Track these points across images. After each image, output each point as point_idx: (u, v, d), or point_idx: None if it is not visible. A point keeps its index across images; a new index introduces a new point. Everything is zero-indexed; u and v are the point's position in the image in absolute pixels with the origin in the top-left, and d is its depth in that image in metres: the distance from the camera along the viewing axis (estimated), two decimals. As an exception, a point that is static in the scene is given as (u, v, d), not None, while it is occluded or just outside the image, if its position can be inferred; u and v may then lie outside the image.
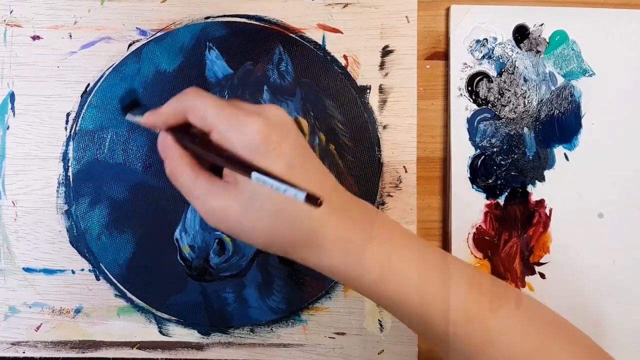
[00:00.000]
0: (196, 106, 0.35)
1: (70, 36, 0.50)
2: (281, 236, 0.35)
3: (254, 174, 0.31)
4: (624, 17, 0.50)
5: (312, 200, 0.29)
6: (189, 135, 0.36)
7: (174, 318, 0.49)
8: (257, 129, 0.33)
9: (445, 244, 0.50)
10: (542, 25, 0.50)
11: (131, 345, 0.49)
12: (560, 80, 0.50)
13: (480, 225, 0.50)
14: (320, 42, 0.50)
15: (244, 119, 0.33)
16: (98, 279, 0.49)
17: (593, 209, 0.50)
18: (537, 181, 0.50)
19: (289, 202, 0.33)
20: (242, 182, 0.34)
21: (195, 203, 0.35)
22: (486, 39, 0.50)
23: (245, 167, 0.32)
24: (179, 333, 0.49)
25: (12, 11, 0.50)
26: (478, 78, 0.50)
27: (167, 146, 0.36)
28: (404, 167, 0.50)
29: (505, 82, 0.50)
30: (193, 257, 0.48)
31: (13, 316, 0.49)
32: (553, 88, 0.50)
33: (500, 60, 0.50)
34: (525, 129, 0.50)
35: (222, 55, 0.50)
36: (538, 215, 0.50)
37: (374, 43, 0.50)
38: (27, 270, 0.49)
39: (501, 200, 0.50)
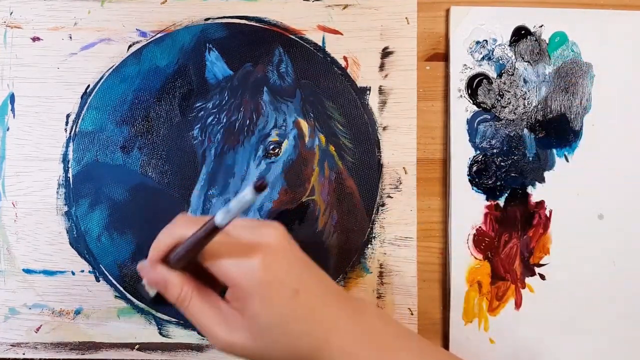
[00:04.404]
0: (189, 234, 0.35)
1: (70, 37, 0.50)
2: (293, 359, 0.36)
3: (218, 218, 0.32)
4: (624, 19, 0.50)
5: (259, 188, 0.29)
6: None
7: (174, 319, 0.49)
8: (257, 265, 0.34)
9: (445, 245, 0.50)
10: (541, 26, 0.50)
11: (131, 346, 0.49)
12: (560, 81, 0.50)
13: (480, 227, 0.50)
14: (320, 44, 0.50)
15: (243, 258, 0.34)
16: (98, 280, 0.49)
17: (593, 210, 0.50)
18: (537, 182, 0.50)
19: (300, 338, 0.34)
20: (249, 310, 0.34)
21: (202, 331, 0.36)
22: (486, 40, 0.50)
23: (211, 226, 0.33)
24: (179, 334, 0.49)
25: (12, 12, 0.50)
26: (478, 79, 0.50)
27: (164, 276, 0.36)
28: (404, 168, 0.50)
29: (505, 83, 0.50)
30: (193, 259, 0.48)
31: (13, 317, 0.49)
32: (553, 89, 0.50)
33: (500, 61, 0.50)
34: (525, 130, 0.50)
35: (222, 57, 0.50)
36: (538, 216, 0.50)
37: (374, 44, 0.50)
38: (27, 271, 0.49)
39: (501, 202, 0.50)
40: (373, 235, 0.49)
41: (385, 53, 0.50)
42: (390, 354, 0.36)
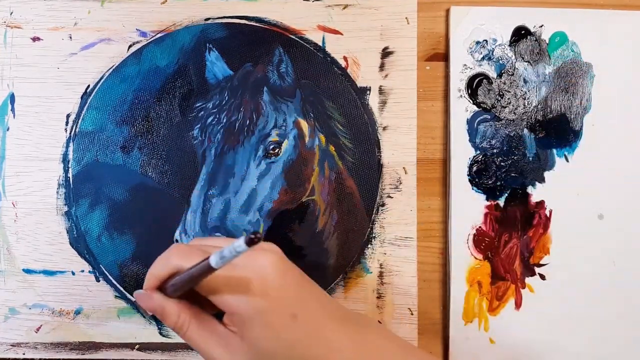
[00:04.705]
0: (184, 266, 0.35)
1: (70, 37, 0.50)
2: None
3: (213, 261, 0.32)
4: (624, 19, 0.50)
5: (250, 242, 0.30)
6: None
7: (174, 319, 0.49)
8: (253, 294, 0.34)
9: (445, 245, 0.50)
10: (542, 26, 0.50)
11: (131, 346, 0.49)
12: (560, 81, 0.50)
13: (480, 227, 0.50)
14: (320, 44, 0.50)
15: (240, 287, 0.34)
16: (98, 280, 0.49)
17: (593, 210, 0.50)
18: (537, 182, 0.50)
19: (299, 357, 0.35)
20: (248, 337, 0.35)
21: (201, 355, 0.36)
22: (486, 40, 0.50)
23: (205, 267, 0.33)
24: (179, 334, 0.49)
25: (12, 12, 0.50)
26: (478, 79, 0.50)
27: (160, 304, 0.37)
28: (404, 168, 0.50)
29: (505, 83, 0.50)
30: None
31: (13, 317, 0.49)
32: (553, 89, 0.50)
33: (500, 61, 0.50)
34: (525, 130, 0.50)
35: (222, 57, 0.50)
36: (538, 216, 0.50)
37: (374, 44, 0.50)
38: (27, 271, 0.49)
39: (501, 202, 0.50)
40: (373, 235, 0.49)
41: (385, 53, 0.50)
42: None
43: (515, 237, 0.50)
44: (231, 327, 0.36)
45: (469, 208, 0.50)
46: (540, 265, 0.50)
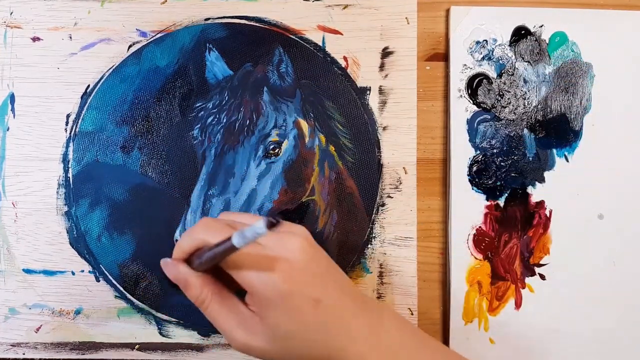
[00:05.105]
0: (211, 241, 0.36)
1: (70, 37, 0.50)
2: None
3: (235, 240, 0.32)
4: (624, 19, 0.50)
5: (270, 225, 0.30)
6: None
7: (174, 319, 0.49)
8: (278, 276, 0.34)
9: (445, 245, 0.50)
10: (542, 26, 0.50)
11: (131, 346, 0.49)
12: (560, 81, 0.50)
13: (480, 227, 0.50)
14: (320, 44, 0.50)
15: (265, 269, 0.34)
16: (98, 280, 0.49)
17: (593, 210, 0.50)
18: (537, 182, 0.50)
19: (319, 346, 0.35)
20: (269, 318, 0.35)
21: (220, 331, 0.37)
22: (486, 40, 0.50)
23: (228, 245, 0.33)
24: (179, 334, 0.49)
25: (12, 12, 0.50)
26: (478, 79, 0.50)
27: (185, 276, 0.37)
28: (404, 168, 0.50)
29: (505, 83, 0.50)
30: (193, 259, 0.48)
31: (13, 317, 0.49)
32: (553, 89, 0.50)
33: (500, 61, 0.50)
34: (525, 130, 0.50)
35: (222, 57, 0.50)
36: (538, 216, 0.50)
37: (374, 44, 0.50)
38: (27, 271, 0.49)
39: (501, 202, 0.50)
40: (373, 235, 0.49)
41: (385, 53, 0.50)
42: None
43: (515, 237, 0.50)
44: (252, 308, 0.36)
45: (469, 208, 0.50)
46: (540, 265, 0.50)
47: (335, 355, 0.35)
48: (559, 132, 0.50)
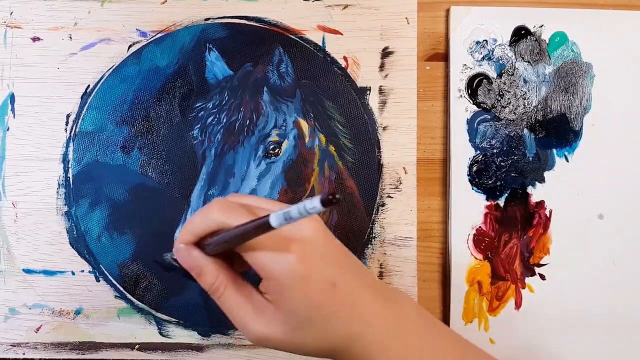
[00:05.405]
0: (228, 222, 0.34)
1: (70, 37, 0.50)
2: (327, 351, 0.35)
3: (274, 220, 0.30)
4: (624, 19, 0.50)
5: (328, 202, 0.28)
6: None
7: (174, 319, 0.49)
8: (294, 259, 0.33)
9: (445, 245, 0.50)
10: (542, 26, 0.50)
11: (131, 346, 0.49)
12: (560, 81, 0.50)
13: (480, 227, 0.50)
14: (320, 44, 0.50)
15: (280, 251, 0.33)
16: (98, 280, 0.49)
17: (593, 210, 0.50)
18: (537, 182, 0.50)
19: (336, 331, 0.34)
20: (285, 304, 0.34)
21: (234, 322, 0.35)
22: (486, 40, 0.50)
23: (264, 225, 0.31)
24: (179, 334, 0.49)
25: (12, 12, 0.50)
26: (478, 79, 0.50)
27: (199, 263, 0.35)
28: (404, 168, 0.50)
29: (505, 83, 0.50)
30: (193, 259, 0.48)
31: (13, 317, 0.49)
32: (553, 89, 0.50)
33: (500, 61, 0.50)
34: (525, 130, 0.50)
35: (222, 57, 0.50)
36: (538, 216, 0.50)
37: (374, 44, 0.50)
38: (27, 271, 0.49)
39: (501, 202, 0.50)
40: (373, 235, 0.49)
41: (385, 53, 0.50)
42: (427, 351, 0.36)
43: (515, 237, 0.50)
44: (267, 296, 0.35)
45: (469, 208, 0.50)
46: (540, 265, 0.50)
47: (352, 339, 0.35)
48: (559, 132, 0.50)
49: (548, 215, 0.50)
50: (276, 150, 0.49)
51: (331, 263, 0.35)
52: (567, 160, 0.50)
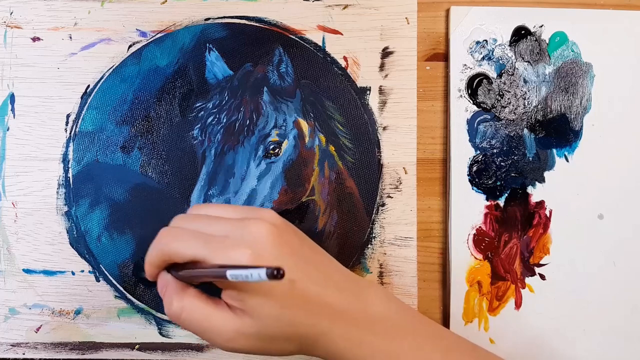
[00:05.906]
0: (178, 249, 0.36)
1: (70, 37, 0.50)
2: (295, 348, 0.36)
3: (229, 274, 0.32)
4: (624, 19, 0.50)
5: (274, 275, 0.30)
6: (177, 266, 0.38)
7: (174, 319, 0.49)
8: (252, 263, 0.34)
9: (445, 245, 0.50)
10: (542, 26, 0.50)
11: (131, 346, 0.49)
12: (560, 81, 0.50)
13: (480, 227, 0.50)
14: (320, 44, 0.50)
15: (231, 253, 0.34)
16: (98, 280, 0.49)
17: (593, 210, 0.50)
18: (537, 182, 0.50)
19: (303, 327, 0.35)
20: (248, 308, 0.35)
21: (203, 336, 0.36)
22: (486, 40, 0.50)
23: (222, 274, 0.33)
24: (179, 334, 0.49)
25: (12, 12, 0.50)
26: (478, 79, 0.50)
27: (166, 282, 0.38)
28: (403, 168, 0.50)
29: (505, 83, 0.50)
30: (193, 259, 0.48)
31: (13, 317, 0.49)
32: (553, 89, 0.50)
33: (500, 61, 0.50)
34: (525, 130, 0.50)
35: (222, 57, 0.50)
36: (538, 216, 0.50)
37: (374, 44, 0.50)
38: (27, 271, 0.49)
39: (501, 202, 0.50)
40: (373, 235, 0.49)
41: (385, 53, 0.50)
42: (396, 339, 0.36)
43: (515, 237, 0.50)
44: (230, 302, 0.36)
45: (469, 208, 0.50)
46: (540, 265, 0.50)
47: (320, 334, 0.35)
48: (559, 132, 0.50)
49: (548, 215, 0.50)
50: (276, 150, 0.49)
51: (287, 261, 0.35)
52: (567, 160, 0.50)
